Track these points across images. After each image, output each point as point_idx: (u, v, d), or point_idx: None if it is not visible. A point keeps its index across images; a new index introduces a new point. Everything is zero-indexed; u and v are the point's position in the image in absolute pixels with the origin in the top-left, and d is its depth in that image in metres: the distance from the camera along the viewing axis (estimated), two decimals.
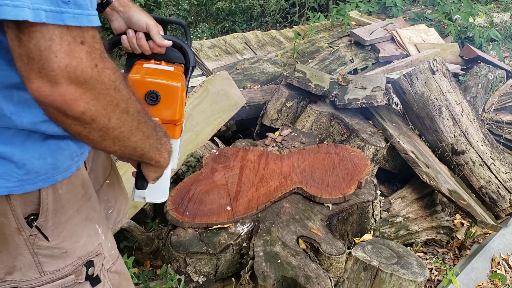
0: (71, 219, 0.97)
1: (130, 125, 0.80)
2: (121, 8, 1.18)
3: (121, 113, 0.77)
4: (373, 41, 4.32)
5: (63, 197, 0.94)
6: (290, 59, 3.89)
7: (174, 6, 4.59)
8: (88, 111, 0.72)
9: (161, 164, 0.96)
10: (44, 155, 0.87)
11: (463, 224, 2.64)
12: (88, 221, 1.02)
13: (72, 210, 0.97)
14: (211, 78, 2.65)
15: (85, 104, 0.71)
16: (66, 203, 0.95)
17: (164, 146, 0.95)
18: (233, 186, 1.97)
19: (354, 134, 2.54)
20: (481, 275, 2.18)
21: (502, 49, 4.63)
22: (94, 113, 0.73)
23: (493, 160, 2.71)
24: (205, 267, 1.69)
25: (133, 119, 0.81)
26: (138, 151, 0.87)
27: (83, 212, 1.01)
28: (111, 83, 0.74)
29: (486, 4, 6.04)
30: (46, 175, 0.89)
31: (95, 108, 0.73)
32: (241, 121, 3.06)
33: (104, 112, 0.74)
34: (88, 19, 0.71)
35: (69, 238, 0.97)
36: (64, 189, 0.94)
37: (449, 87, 2.76)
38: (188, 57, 1.21)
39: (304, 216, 1.84)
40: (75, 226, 0.98)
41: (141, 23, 1.17)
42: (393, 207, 2.46)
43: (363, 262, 1.70)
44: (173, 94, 1.07)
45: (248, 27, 5.35)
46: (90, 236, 1.02)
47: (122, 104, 0.77)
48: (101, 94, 0.73)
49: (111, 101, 0.75)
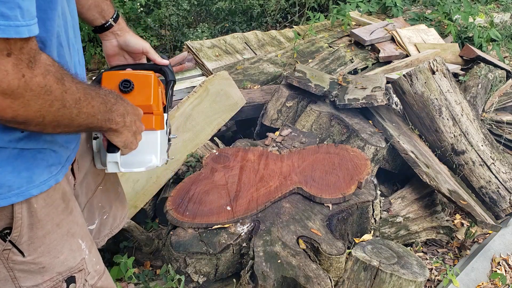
0: (50, 234, 0.95)
1: (69, 115, 0.80)
2: (119, 32, 1.23)
3: (56, 110, 0.77)
4: (373, 41, 4.32)
5: (40, 211, 0.91)
6: (290, 59, 3.89)
7: (174, 6, 4.58)
8: (18, 116, 0.72)
9: (114, 128, 0.94)
10: (18, 168, 0.85)
11: (463, 224, 2.64)
12: (70, 236, 1.00)
13: (51, 224, 0.94)
14: (211, 78, 2.65)
15: (13, 112, 0.71)
16: (44, 217, 0.93)
17: (116, 112, 0.93)
18: (233, 186, 1.97)
19: (354, 134, 2.54)
20: (481, 275, 2.18)
21: (502, 49, 4.63)
22: (26, 117, 0.73)
23: (493, 160, 2.71)
24: (205, 267, 1.69)
25: (72, 109, 0.80)
26: (84, 127, 0.86)
27: (64, 226, 0.98)
28: (40, 89, 0.73)
29: (486, 4, 6.04)
30: (20, 189, 0.86)
31: (25, 114, 0.72)
32: (241, 121, 3.06)
33: (38, 114, 0.74)
34: (16, 30, 0.69)
35: (48, 253, 0.95)
36: (41, 203, 0.91)
37: (449, 87, 2.76)
38: (166, 74, 1.25)
39: (304, 216, 1.84)
40: (55, 241, 0.96)
41: (138, 46, 1.24)
42: (393, 207, 2.46)
43: (363, 262, 1.70)
44: (146, 82, 1.09)
45: (248, 27, 5.35)
46: (72, 251, 1.00)
47: (57, 103, 0.76)
48: (31, 100, 0.72)
49: (43, 104, 0.74)
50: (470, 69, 3.91)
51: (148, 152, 1.15)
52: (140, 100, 1.07)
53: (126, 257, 1.76)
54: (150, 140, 1.14)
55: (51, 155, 0.92)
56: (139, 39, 1.25)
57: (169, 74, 1.26)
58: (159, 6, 4.64)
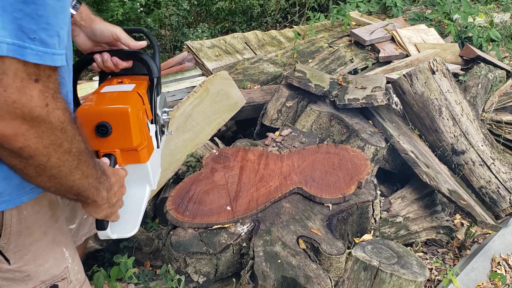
0: (37, 242, 0.94)
1: (70, 164, 0.77)
2: (83, 22, 1.13)
3: (63, 153, 0.74)
4: (373, 41, 4.32)
5: (29, 218, 0.90)
6: (290, 59, 3.89)
7: (174, 6, 4.58)
8: (27, 147, 0.70)
9: (98, 203, 0.90)
10: (10, 175, 0.82)
11: (463, 224, 2.64)
12: (55, 244, 0.99)
13: (39, 232, 0.93)
14: (211, 78, 2.65)
15: (25, 140, 0.69)
16: (32, 225, 0.91)
17: (103, 185, 0.89)
18: (233, 186, 1.97)
19: (354, 134, 2.54)
20: (481, 275, 2.18)
21: (502, 49, 4.63)
22: (34, 150, 0.70)
23: (493, 160, 2.71)
24: (205, 267, 1.69)
25: (74, 158, 0.77)
26: (75, 189, 0.82)
27: (50, 234, 0.97)
28: (58, 123, 0.71)
29: (486, 4, 6.04)
30: (10, 196, 0.85)
31: (35, 146, 0.70)
32: (241, 121, 3.06)
33: (45, 151, 0.72)
34: (52, 58, 0.68)
35: (33, 261, 0.94)
36: (30, 210, 0.90)
37: (449, 87, 2.76)
38: (150, 69, 1.14)
39: (304, 216, 1.84)
40: (41, 248, 0.95)
41: (106, 34, 1.13)
42: (393, 207, 2.46)
43: (363, 262, 1.70)
44: (124, 120, 0.99)
45: (248, 27, 5.35)
46: (56, 260, 0.99)
47: (66, 144, 0.74)
48: (45, 133, 0.70)
49: (55, 141, 0.72)
50: (470, 69, 3.91)
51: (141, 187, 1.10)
52: (121, 143, 1.01)
53: (126, 257, 1.76)
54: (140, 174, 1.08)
55: None
56: (107, 25, 1.15)
57: (153, 70, 1.14)
58: (159, 6, 4.64)
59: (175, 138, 2.44)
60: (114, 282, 1.65)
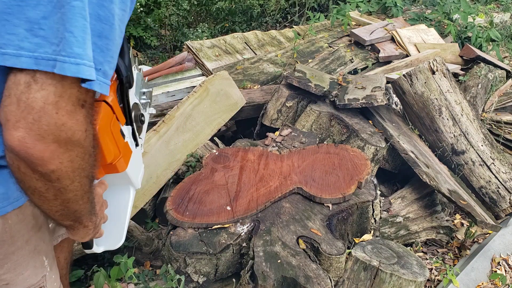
0: (19, 250, 0.93)
1: (84, 189, 0.79)
2: None
3: (83, 177, 0.76)
4: (373, 41, 4.32)
5: (13, 227, 0.90)
6: (290, 59, 3.89)
7: (174, 6, 4.58)
8: (58, 171, 0.71)
9: (88, 228, 0.92)
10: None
11: (463, 224, 2.64)
12: (36, 253, 0.99)
13: (21, 241, 0.93)
14: (211, 78, 2.65)
15: (59, 164, 0.70)
16: (16, 234, 0.91)
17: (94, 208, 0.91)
18: (233, 186, 1.97)
19: (354, 134, 2.54)
20: (481, 275, 2.18)
21: (501, 49, 4.63)
22: (63, 174, 0.72)
23: (493, 160, 2.71)
24: (205, 267, 1.69)
25: (87, 183, 0.79)
26: (77, 214, 0.84)
27: (32, 243, 0.97)
28: (89, 148, 0.74)
29: (486, 4, 6.04)
30: None
31: (65, 170, 0.71)
32: (241, 121, 3.06)
33: (71, 175, 0.73)
34: (107, 88, 0.72)
35: (13, 270, 0.94)
36: (14, 219, 0.90)
37: (449, 87, 2.76)
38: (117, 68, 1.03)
39: (304, 216, 1.84)
40: (22, 257, 0.95)
41: None
42: (393, 207, 2.46)
43: (363, 262, 1.70)
44: None
45: (248, 27, 5.35)
46: (35, 268, 0.99)
47: (88, 169, 0.77)
48: (78, 157, 0.72)
49: (82, 165, 0.74)
50: (470, 69, 3.91)
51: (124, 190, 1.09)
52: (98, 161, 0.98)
53: (126, 257, 1.76)
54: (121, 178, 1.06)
55: None
56: None
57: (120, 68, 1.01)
58: (159, 6, 4.64)
59: (175, 138, 2.44)
60: (114, 282, 1.65)
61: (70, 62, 0.66)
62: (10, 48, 0.65)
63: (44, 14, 0.65)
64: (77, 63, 0.66)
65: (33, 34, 0.65)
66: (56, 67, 0.65)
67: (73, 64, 0.66)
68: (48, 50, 0.65)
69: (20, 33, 0.65)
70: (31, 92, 0.65)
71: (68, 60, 0.65)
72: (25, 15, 0.65)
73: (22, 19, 0.65)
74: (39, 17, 0.65)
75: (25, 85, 0.66)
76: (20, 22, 0.65)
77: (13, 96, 0.66)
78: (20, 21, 0.65)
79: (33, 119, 0.66)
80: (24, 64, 0.65)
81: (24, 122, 0.65)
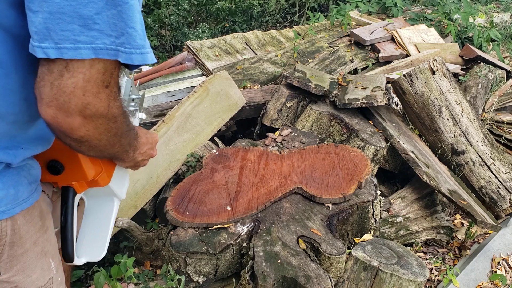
0: (28, 252, 0.95)
1: (115, 142, 0.90)
2: None
3: (111, 136, 0.86)
4: (373, 41, 4.32)
5: (22, 229, 0.91)
6: (290, 59, 3.89)
7: (174, 6, 4.58)
8: (86, 136, 0.81)
9: (125, 160, 1.04)
10: (6, 185, 0.86)
11: (463, 224, 2.64)
12: (43, 255, 1.00)
13: (29, 242, 0.94)
14: (211, 78, 2.65)
15: (86, 131, 0.80)
16: (24, 235, 0.93)
17: (132, 147, 1.01)
18: (233, 186, 1.97)
19: (354, 134, 2.54)
20: (481, 275, 2.18)
21: (502, 49, 4.63)
22: (91, 137, 0.82)
23: (493, 160, 2.71)
24: (205, 267, 1.69)
25: (119, 138, 0.90)
26: (111, 155, 0.96)
27: (39, 244, 0.98)
28: (113, 117, 0.82)
29: (486, 4, 6.04)
30: (6, 207, 0.87)
31: (92, 134, 0.82)
32: (241, 121, 3.06)
33: (99, 137, 0.84)
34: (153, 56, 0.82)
35: (22, 272, 0.95)
36: (22, 221, 0.91)
37: (449, 87, 2.76)
38: None
39: (304, 216, 1.84)
40: (30, 259, 0.96)
41: None
42: (393, 207, 2.46)
43: (363, 262, 1.70)
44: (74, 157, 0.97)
45: (248, 27, 5.35)
46: (43, 270, 1.00)
47: (114, 130, 0.86)
48: (102, 125, 0.82)
49: (107, 129, 0.84)
50: (470, 69, 3.91)
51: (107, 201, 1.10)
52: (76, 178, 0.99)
53: (126, 257, 1.76)
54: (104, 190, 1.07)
55: (29, 171, 0.92)
56: None
57: None
58: (159, 6, 4.64)
59: (175, 138, 2.44)
60: (114, 282, 1.65)
61: (136, 53, 0.78)
62: (67, 42, 0.73)
63: (96, 10, 0.73)
64: (142, 53, 0.79)
65: (88, 28, 0.73)
66: (119, 56, 0.77)
67: (139, 54, 0.78)
68: (106, 41, 0.75)
69: (75, 29, 0.73)
70: (63, 79, 0.74)
71: (134, 51, 0.78)
72: (77, 13, 0.72)
73: (75, 17, 0.72)
74: (92, 13, 0.73)
75: (58, 73, 0.74)
76: (73, 19, 0.73)
77: (46, 80, 0.75)
78: (73, 18, 0.72)
79: (64, 100, 0.75)
80: (84, 55, 0.74)
81: (56, 102, 0.75)
